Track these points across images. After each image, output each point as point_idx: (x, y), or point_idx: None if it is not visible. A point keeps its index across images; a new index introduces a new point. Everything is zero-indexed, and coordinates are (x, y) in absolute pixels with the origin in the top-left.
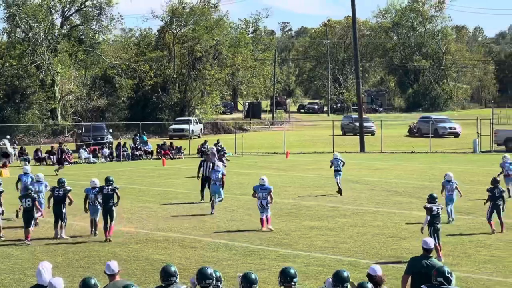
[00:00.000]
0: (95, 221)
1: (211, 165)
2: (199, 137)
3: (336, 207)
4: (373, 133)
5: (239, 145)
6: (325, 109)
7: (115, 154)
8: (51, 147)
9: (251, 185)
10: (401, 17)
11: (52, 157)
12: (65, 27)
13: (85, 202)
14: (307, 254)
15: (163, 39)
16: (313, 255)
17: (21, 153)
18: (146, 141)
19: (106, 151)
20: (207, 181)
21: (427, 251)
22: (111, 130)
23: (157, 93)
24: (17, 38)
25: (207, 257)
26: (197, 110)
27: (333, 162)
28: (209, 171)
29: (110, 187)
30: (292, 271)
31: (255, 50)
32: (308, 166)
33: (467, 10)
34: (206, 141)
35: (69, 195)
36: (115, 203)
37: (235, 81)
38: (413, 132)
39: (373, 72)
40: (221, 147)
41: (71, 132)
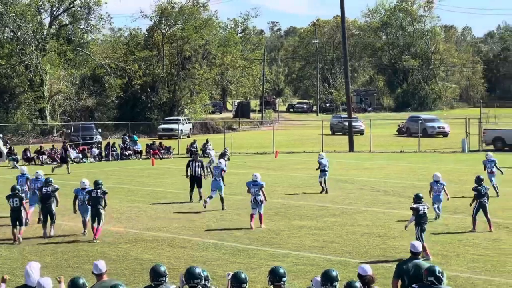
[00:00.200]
0: (85, 221)
1: (199, 164)
2: (188, 137)
3: (325, 206)
4: (362, 133)
5: (228, 144)
6: (314, 108)
7: (104, 154)
8: (40, 146)
9: (240, 184)
10: (390, 17)
11: (41, 156)
12: (53, 27)
13: (74, 202)
14: (296, 253)
15: (152, 38)
16: (302, 254)
17: (10, 153)
18: (135, 141)
19: (95, 150)
20: (196, 181)
21: (415, 254)
22: (100, 129)
23: (146, 92)
24: (6, 37)
25: (197, 256)
26: (186, 109)
27: (320, 162)
28: (197, 171)
29: (99, 191)
30: (281, 271)
31: (244, 49)
32: (297, 165)
33: (455, 9)
34: (195, 141)
35: (56, 195)
36: (103, 206)
37: (224, 81)
38: (402, 131)
39: (362, 71)
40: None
41: (60, 132)
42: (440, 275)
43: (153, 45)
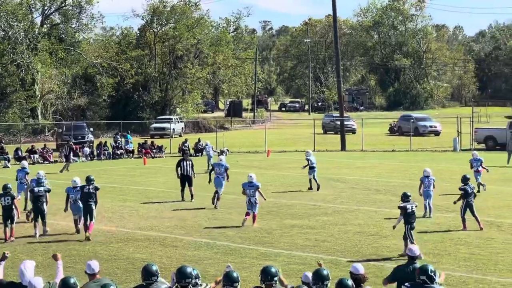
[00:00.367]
0: (76, 220)
1: (190, 163)
2: (180, 136)
3: (317, 205)
4: (354, 132)
5: (220, 143)
6: (306, 107)
7: (96, 153)
8: (32, 146)
9: (232, 183)
10: (382, 16)
11: (32, 156)
12: (45, 26)
13: (66, 201)
14: (288, 252)
15: (144, 37)
16: (294, 253)
17: (1, 153)
18: (127, 140)
19: (87, 150)
20: (187, 180)
21: (412, 259)
22: (92, 129)
23: (138, 91)
24: None
25: (188, 256)
26: (178, 108)
27: (308, 159)
28: (188, 170)
29: (91, 186)
30: (273, 270)
31: (236, 48)
32: (289, 164)
33: (447, 9)
34: (186, 140)
35: (47, 195)
36: (95, 202)
37: (216, 80)
38: (394, 130)
39: (354, 70)
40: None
41: (51, 131)
42: (432, 274)
43: (145, 44)
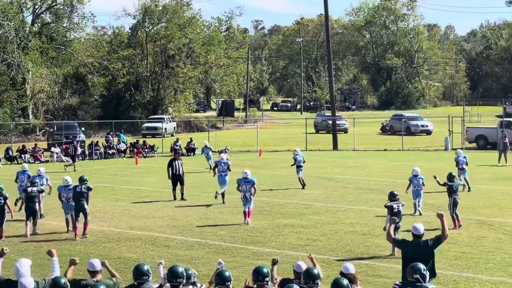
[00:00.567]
0: (68, 219)
1: (181, 162)
2: (172, 135)
3: (309, 204)
4: (346, 131)
5: (212, 143)
6: (298, 107)
7: (87, 152)
8: (22, 145)
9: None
10: (374, 15)
11: (23, 155)
12: (36, 25)
13: (60, 199)
14: (280, 251)
15: (135, 37)
16: (286, 252)
17: None
18: (119, 139)
19: (78, 149)
20: (178, 179)
21: (417, 237)
22: (83, 128)
23: (130, 91)
24: None
25: (180, 255)
26: (170, 108)
27: (296, 158)
28: (180, 169)
29: (83, 186)
30: (264, 270)
31: (228, 48)
32: (281, 164)
33: (438, 8)
34: (178, 139)
35: (40, 195)
36: (87, 201)
37: (208, 79)
38: (386, 130)
39: (346, 70)
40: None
41: (42, 130)
42: (425, 272)
43: (136, 44)
